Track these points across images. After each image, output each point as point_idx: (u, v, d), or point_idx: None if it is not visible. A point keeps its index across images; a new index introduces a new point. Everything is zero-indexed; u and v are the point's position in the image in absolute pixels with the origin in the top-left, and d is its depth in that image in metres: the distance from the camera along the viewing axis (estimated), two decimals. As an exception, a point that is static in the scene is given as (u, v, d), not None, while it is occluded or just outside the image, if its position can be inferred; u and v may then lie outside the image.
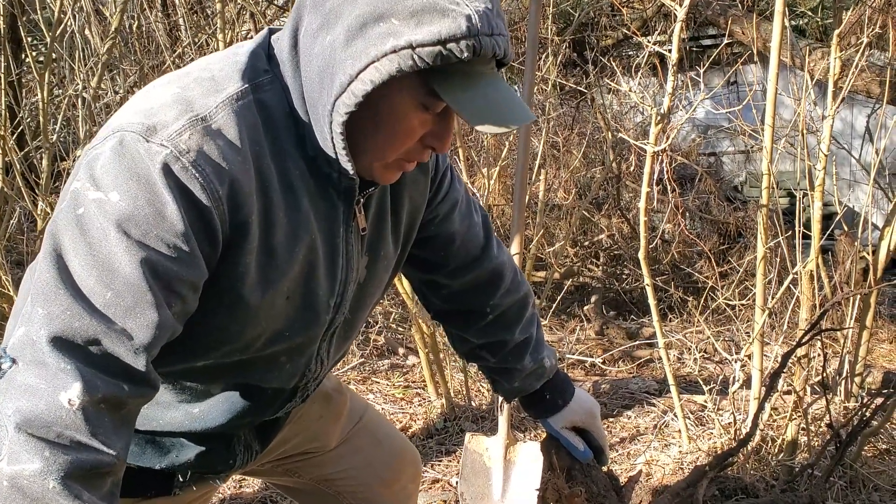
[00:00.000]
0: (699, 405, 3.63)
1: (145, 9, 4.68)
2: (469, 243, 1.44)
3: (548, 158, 5.16)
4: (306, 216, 1.09)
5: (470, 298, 1.49)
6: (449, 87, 0.97)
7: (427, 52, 0.93)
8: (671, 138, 2.96)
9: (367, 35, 0.94)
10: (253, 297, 1.07)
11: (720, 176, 8.67)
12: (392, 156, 1.06)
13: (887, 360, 4.74)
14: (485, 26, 0.94)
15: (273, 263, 1.07)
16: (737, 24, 5.57)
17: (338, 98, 0.97)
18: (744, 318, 4.08)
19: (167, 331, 0.98)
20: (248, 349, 1.15)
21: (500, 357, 1.55)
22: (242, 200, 1.00)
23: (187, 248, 0.96)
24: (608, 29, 7.00)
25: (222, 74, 1.04)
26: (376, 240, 1.25)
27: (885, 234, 2.78)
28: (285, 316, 1.14)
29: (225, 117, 1.00)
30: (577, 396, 1.61)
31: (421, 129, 1.04)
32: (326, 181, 1.10)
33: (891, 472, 2.80)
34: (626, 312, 5.51)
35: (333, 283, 1.18)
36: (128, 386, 0.95)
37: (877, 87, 4.86)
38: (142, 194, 0.93)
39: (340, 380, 1.73)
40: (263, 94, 1.05)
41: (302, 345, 1.21)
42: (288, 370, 1.23)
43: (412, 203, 1.29)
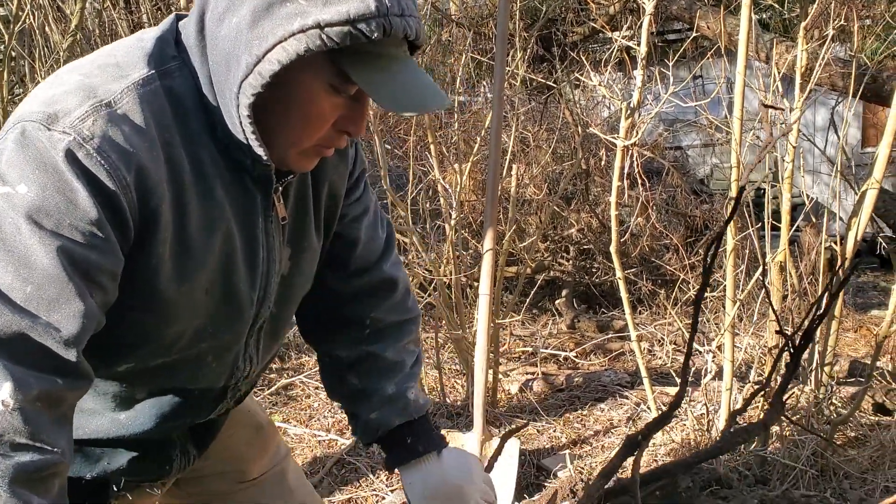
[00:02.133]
0: (671, 396, 3.66)
1: (108, 5, 4.60)
2: (369, 252, 1.39)
3: (518, 154, 5.16)
4: (221, 205, 1.06)
5: (355, 305, 1.40)
6: (360, 68, 0.95)
7: (336, 32, 0.91)
8: (640, 132, 2.97)
9: (273, 15, 0.92)
10: (169, 290, 1.04)
11: (686, 169, 8.76)
12: (306, 141, 1.04)
13: (853, 349, 4.82)
14: (395, 6, 0.92)
15: (188, 254, 1.04)
16: (703, 19, 5.61)
17: (244, 80, 0.95)
18: (714, 309, 4.11)
19: (94, 320, 0.95)
20: (170, 349, 1.11)
21: (366, 377, 1.40)
22: (152, 188, 0.97)
23: (102, 235, 0.93)
24: (575, 24, 7.02)
25: (127, 60, 1.01)
26: (299, 230, 1.21)
27: (852, 224, 2.82)
28: (206, 311, 1.10)
29: (130, 103, 0.97)
30: (444, 465, 1.37)
31: (333, 112, 1.02)
32: (241, 169, 1.07)
33: (860, 459, 2.85)
34: (596, 306, 5.54)
35: (254, 276, 1.14)
36: (62, 380, 0.93)
37: (840, 80, 4.93)
38: (50, 183, 0.91)
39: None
40: (172, 80, 1.01)
41: (228, 342, 1.17)
42: (215, 369, 1.19)
43: (332, 190, 1.25)
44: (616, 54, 3.13)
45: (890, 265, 6.30)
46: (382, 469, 3.05)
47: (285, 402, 3.73)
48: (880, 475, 2.75)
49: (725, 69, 4.43)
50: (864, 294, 6.58)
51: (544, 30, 6.48)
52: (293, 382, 3.91)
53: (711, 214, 6.25)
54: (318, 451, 3.23)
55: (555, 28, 6.82)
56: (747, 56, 2.72)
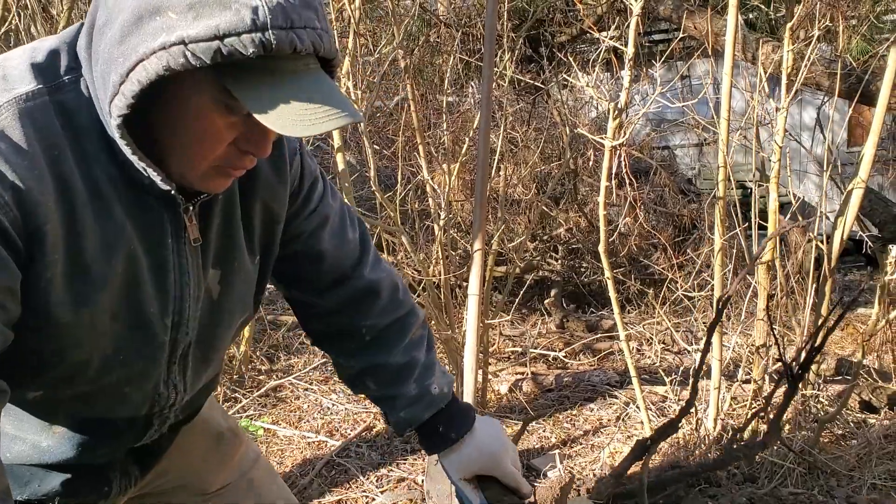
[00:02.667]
0: (660, 396, 3.67)
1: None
2: (339, 260, 1.33)
3: (506, 154, 5.17)
4: (121, 226, 0.99)
5: (343, 318, 1.38)
6: (245, 85, 0.87)
7: (202, 49, 0.83)
8: (628, 133, 2.98)
9: (141, 30, 0.85)
10: (64, 315, 0.97)
11: (674, 169, 8.79)
12: (202, 162, 0.96)
13: (839, 346, 4.85)
14: (278, 18, 0.83)
15: (85, 277, 0.97)
16: (690, 20, 5.63)
17: (111, 100, 0.88)
18: (701, 308, 4.14)
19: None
20: (78, 378, 1.05)
21: (382, 384, 1.40)
22: (35, 208, 0.90)
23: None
24: (563, 25, 7.04)
25: (15, 73, 0.94)
26: (226, 251, 1.14)
27: (839, 223, 2.83)
28: (113, 337, 1.04)
29: (9, 118, 0.90)
30: (477, 437, 1.41)
31: (229, 132, 0.94)
32: (141, 188, 0.99)
33: (847, 457, 2.86)
34: (585, 305, 5.56)
35: (165, 299, 1.07)
36: None
37: (826, 79, 4.96)
38: None
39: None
40: (63, 94, 0.95)
41: (143, 369, 1.11)
42: (134, 398, 1.13)
43: (267, 211, 1.18)
44: (604, 55, 3.14)
45: (876, 264, 6.34)
46: (373, 471, 3.05)
47: (274, 403, 3.72)
48: (867, 472, 2.77)
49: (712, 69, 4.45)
50: (851, 293, 6.62)
51: (532, 30, 6.50)
52: (282, 384, 3.90)
53: (699, 214, 6.28)
54: (308, 452, 3.23)
55: (543, 28, 6.84)
56: (734, 56, 2.74)
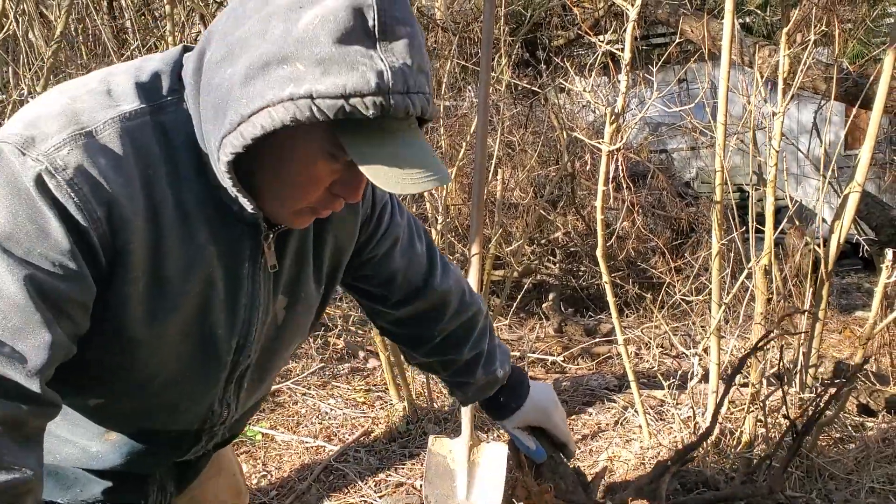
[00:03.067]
0: (659, 400, 3.67)
1: (91, 12, 4.58)
2: (412, 277, 1.39)
3: (503, 158, 5.17)
4: (204, 248, 1.02)
5: (416, 325, 1.46)
6: (356, 141, 0.91)
7: (328, 105, 0.86)
8: (625, 137, 2.98)
9: (267, 76, 0.88)
10: (139, 330, 1.00)
11: (671, 172, 8.80)
12: (299, 203, 1.00)
13: (837, 350, 4.85)
14: (398, 83, 0.87)
15: (163, 295, 1.00)
16: (687, 24, 5.65)
17: (225, 136, 0.91)
18: (700, 312, 4.14)
19: (61, 351, 0.92)
20: (141, 392, 1.08)
21: (451, 372, 1.54)
22: (124, 224, 0.93)
23: (74, 266, 0.91)
24: (560, 29, 7.05)
25: (120, 90, 0.97)
26: (296, 280, 1.17)
27: (836, 227, 2.84)
28: (180, 355, 1.07)
29: (112, 135, 0.93)
30: (532, 397, 1.60)
31: (328, 177, 0.98)
32: (229, 214, 1.03)
33: (845, 460, 2.86)
34: (583, 309, 5.56)
35: (234, 323, 1.10)
36: (26, 406, 0.90)
37: (822, 83, 4.97)
38: (22, 210, 0.88)
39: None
40: (164, 115, 0.98)
41: (203, 388, 1.14)
42: (189, 414, 1.17)
43: (337, 243, 1.22)
44: (600, 59, 3.14)
45: (873, 267, 6.34)
46: (371, 476, 3.05)
47: (273, 408, 3.72)
48: (865, 476, 2.77)
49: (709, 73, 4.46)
50: (849, 295, 6.63)
51: (529, 35, 6.51)
52: (280, 389, 3.90)
53: (697, 217, 6.28)
54: (306, 457, 3.23)
55: (540, 33, 6.86)
56: (731, 60, 2.74)
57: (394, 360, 3.56)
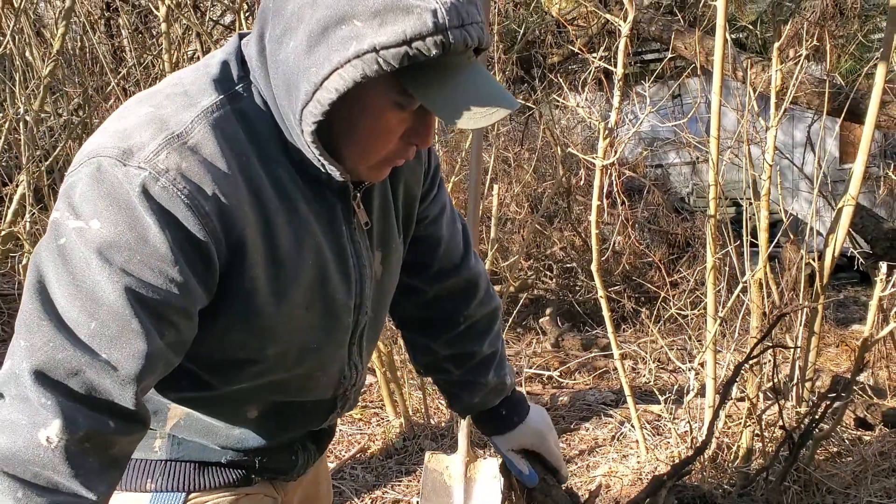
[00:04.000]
0: (655, 415, 3.67)
1: (88, 30, 4.61)
2: (452, 250, 1.42)
3: (499, 173, 5.19)
4: (306, 220, 1.06)
5: (446, 305, 1.46)
6: (422, 85, 0.93)
7: (392, 55, 0.88)
8: (619, 152, 3.00)
9: (329, 40, 0.90)
10: (268, 311, 1.04)
11: (667, 187, 8.83)
12: (374, 156, 1.03)
13: (834, 363, 4.85)
14: (454, 18, 0.88)
15: (282, 273, 1.04)
16: (679, 40, 5.68)
17: (304, 108, 0.94)
18: (696, 326, 4.14)
19: (158, 361, 0.94)
20: (278, 368, 1.12)
21: (465, 370, 1.51)
22: (233, 214, 0.97)
23: (175, 273, 0.93)
24: (554, 46, 7.09)
25: (195, 88, 1.01)
26: (386, 233, 1.21)
27: (830, 241, 2.85)
28: (308, 327, 1.11)
29: (202, 131, 0.96)
30: (529, 417, 1.58)
31: (399, 127, 1.00)
32: (318, 183, 1.06)
33: (843, 474, 2.86)
34: (580, 324, 5.56)
35: (349, 285, 1.14)
36: (113, 422, 0.91)
37: (815, 98, 5.00)
38: (122, 220, 0.90)
39: None
40: (241, 102, 1.01)
41: (332, 354, 1.18)
42: (324, 382, 1.20)
43: (408, 191, 1.26)
44: (594, 75, 3.16)
45: (869, 280, 6.36)
46: (367, 493, 3.04)
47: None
48: (863, 489, 2.76)
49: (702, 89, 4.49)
50: (845, 309, 6.64)
51: (524, 52, 6.55)
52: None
53: (692, 231, 6.30)
54: (303, 474, 3.21)
55: (534, 50, 6.89)
56: (723, 75, 2.76)
57: (390, 376, 3.56)
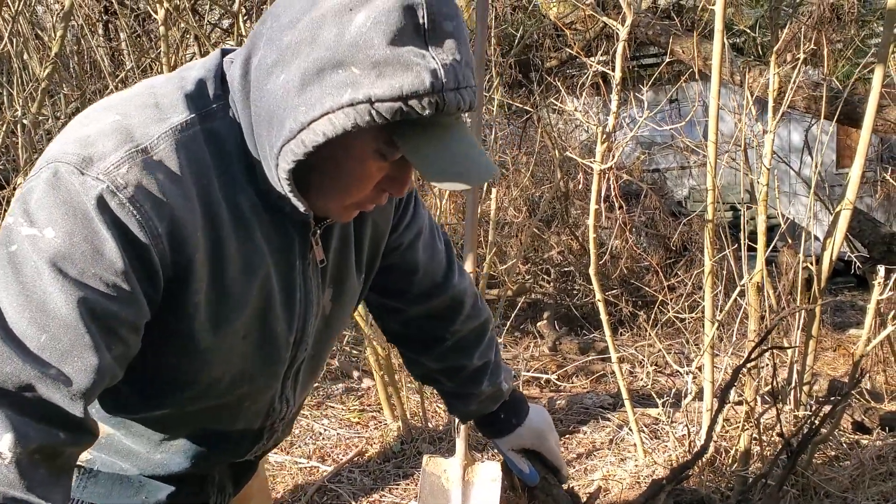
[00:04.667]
0: (653, 418, 3.67)
1: (87, 33, 4.60)
2: (433, 271, 1.40)
3: (497, 177, 5.18)
4: (260, 250, 1.04)
5: (431, 323, 1.46)
6: (409, 139, 0.92)
7: (386, 108, 0.87)
8: (616, 156, 3.00)
9: (324, 82, 0.88)
10: (205, 337, 1.02)
11: (664, 191, 8.83)
12: (348, 200, 1.02)
13: (832, 367, 4.85)
14: (450, 81, 0.88)
15: (226, 301, 1.02)
16: (677, 44, 5.69)
17: (285, 144, 0.92)
18: (693, 330, 4.14)
19: (106, 375, 0.92)
20: (207, 395, 1.10)
21: (458, 382, 1.52)
22: (185, 238, 0.94)
23: (127, 288, 0.91)
24: (552, 50, 7.10)
25: (167, 102, 0.98)
26: (340, 272, 1.20)
27: (828, 244, 2.85)
28: (243, 356, 1.09)
29: (167, 149, 0.94)
30: (530, 418, 1.59)
31: (378, 175, 0.99)
32: (280, 214, 1.05)
33: (840, 478, 2.86)
34: (578, 328, 5.56)
35: (292, 319, 1.12)
36: (64, 434, 0.90)
37: (813, 102, 5.01)
38: (78, 230, 0.88)
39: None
40: (214, 122, 0.99)
41: (265, 385, 1.16)
42: (252, 412, 1.18)
43: (376, 230, 1.24)
44: (592, 79, 3.16)
45: (866, 284, 6.36)
46: (365, 496, 3.03)
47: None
48: (860, 494, 2.76)
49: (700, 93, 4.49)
50: (842, 313, 6.64)
51: (521, 55, 6.56)
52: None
53: (689, 236, 6.30)
54: (300, 478, 3.21)
55: (532, 54, 6.90)
56: (721, 80, 2.76)
57: (388, 379, 3.56)
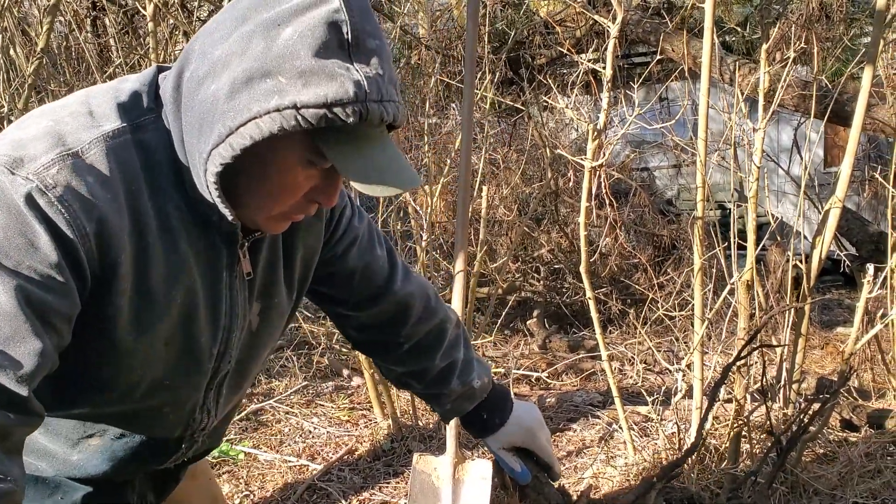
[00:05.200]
0: (643, 416, 3.67)
1: (74, 29, 4.57)
2: (370, 278, 1.43)
3: (488, 175, 5.19)
4: (185, 259, 1.06)
5: (380, 330, 1.49)
6: (335, 147, 0.96)
7: (311, 114, 0.91)
8: (607, 154, 3.00)
9: (252, 90, 0.92)
10: (126, 341, 1.04)
11: (653, 190, 8.86)
12: (275, 210, 1.05)
13: (820, 366, 4.87)
14: (374, 93, 0.93)
15: (148, 306, 1.04)
16: (667, 42, 5.70)
17: (214, 148, 0.95)
18: (682, 328, 4.15)
19: (49, 360, 0.94)
20: (125, 398, 1.11)
21: (426, 384, 1.55)
22: (112, 239, 0.97)
23: (61, 279, 0.94)
24: (542, 47, 7.10)
25: (101, 111, 1.02)
26: (269, 287, 1.22)
27: (817, 243, 2.86)
28: (164, 363, 1.11)
29: (98, 154, 0.97)
30: (517, 415, 1.61)
31: (306, 184, 1.03)
32: (207, 224, 1.08)
33: (829, 476, 2.87)
34: (567, 325, 5.56)
35: (216, 330, 1.14)
36: (13, 415, 0.92)
37: (802, 101, 5.03)
38: (12, 225, 0.91)
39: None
40: (144, 133, 1.02)
41: (185, 394, 1.18)
42: (171, 420, 1.20)
43: (306, 249, 1.27)
44: (582, 77, 3.16)
45: (854, 283, 6.39)
46: (355, 494, 3.03)
47: (255, 427, 3.69)
48: (849, 491, 2.77)
49: (690, 91, 4.50)
50: (830, 311, 6.67)
51: (512, 53, 6.55)
52: (263, 408, 3.87)
53: (679, 234, 6.32)
54: (290, 476, 3.20)
55: (523, 51, 6.90)
56: (711, 78, 2.77)
57: (378, 378, 3.55)
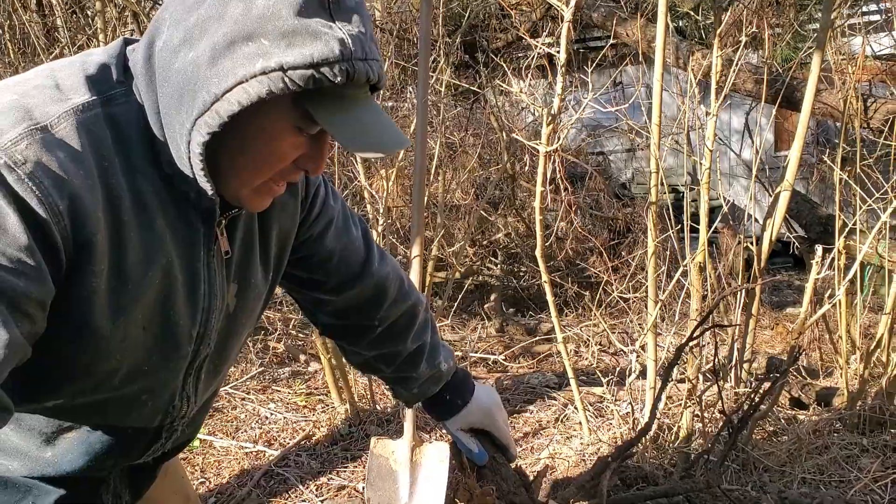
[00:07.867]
0: (598, 397, 3.72)
1: (18, 9, 4.44)
2: (348, 259, 1.41)
3: (445, 159, 5.18)
4: (161, 237, 1.01)
5: (358, 312, 1.47)
6: (323, 109, 0.93)
7: (299, 75, 0.88)
8: (562, 139, 3.02)
9: (234, 54, 0.89)
10: (103, 325, 0.99)
11: (608, 174, 8.94)
12: (261, 179, 1.01)
13: (770, 345, 4.98)
14: (358, 51, 0.91)
15: (124, 288, 0.99)
16: (622, 27, 5.74)
17: (199, 117, 0.92)
18: (637, 310, 4.20)
19: (17, 351, 0.88)
20: (102, 387, 1.06)
21: (395, 367, 1.54)
22: (86, 217, 0.92)
23: (33, 263, 0.87)
24: (498, 31, 7.10)
25: (68, 83, 0.96)
26: (245, 267, 1.18)
27: (767, 225, 2.91)
28: (143, 347, 1.06)
29: (68, 128, 0.92)
30: (476, 397, 1.62)
31: (294, 151, 0.99)
32: (184, 201, 1.03)
33: (779, 452, 2.94)
34: (524, 309, 5.60)
35: (195, 311, 1.10)
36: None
37: (753, 85, 5.10)
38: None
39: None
40: (115, 107, 0.97)
41: (164, 380, 1.13)
42: (150, 408, 1.15)
43: (281, 229, 1.24)
44: (538, 61, 3.17)
45: (803, 264, 6.54)
46: (312, 479, 3.02)
47: (211, 414, 3.65)
48: (797, 467, 2.84)
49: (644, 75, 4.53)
50: (780, 293, 6.82)
51: (468, 36, 6.54)
52: (219, 394, 3.83)
53: (633, 217, 6.39)
54: (246, 462, 3.18)
55: (478, 34, 6.89)
56: (664, 62, 2.79)
57: (335, 363, 3.54)
